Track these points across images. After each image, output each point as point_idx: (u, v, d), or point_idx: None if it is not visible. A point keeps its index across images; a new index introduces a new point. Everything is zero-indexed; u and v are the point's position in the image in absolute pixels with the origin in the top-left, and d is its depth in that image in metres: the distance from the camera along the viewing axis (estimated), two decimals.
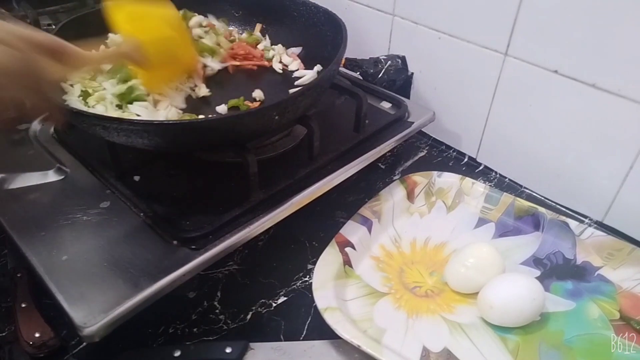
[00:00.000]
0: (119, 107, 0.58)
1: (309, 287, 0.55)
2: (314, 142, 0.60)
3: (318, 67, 0.68)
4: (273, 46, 0.75)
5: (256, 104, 0.63)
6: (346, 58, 0.81)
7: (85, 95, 0.59)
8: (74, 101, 0.59)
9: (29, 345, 0.48)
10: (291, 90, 0.64)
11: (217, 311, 0.54)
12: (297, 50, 0.74)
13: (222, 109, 0.62)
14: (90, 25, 0.69)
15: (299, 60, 0.72)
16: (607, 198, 0.64)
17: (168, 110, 0.59)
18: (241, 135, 0.54)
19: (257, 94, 0.65)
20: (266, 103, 0.64)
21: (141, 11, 0.54)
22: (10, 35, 0.37)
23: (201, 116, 0.60)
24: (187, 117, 0.59)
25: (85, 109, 0.57)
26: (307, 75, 0.68)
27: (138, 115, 0.57)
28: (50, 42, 0.40)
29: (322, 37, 0.69)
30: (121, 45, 0.52)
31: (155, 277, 0.46)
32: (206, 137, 0.52)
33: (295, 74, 0.70)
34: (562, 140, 0.65)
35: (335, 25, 0.66)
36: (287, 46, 0.75)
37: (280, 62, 0.72)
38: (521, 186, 0.73)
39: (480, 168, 0.76)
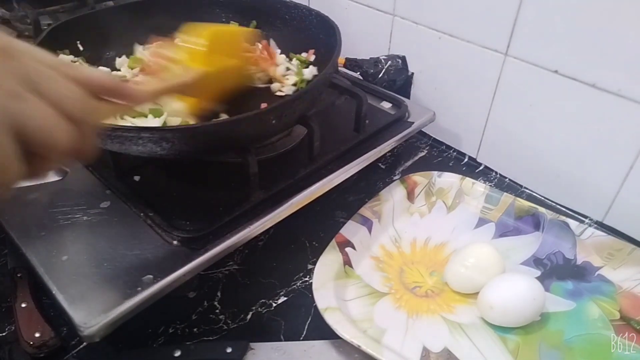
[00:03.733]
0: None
1: (309, 287, 0.55)
2: (314, 142, 0.60)
3: (312, 70, 0.68)
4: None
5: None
6: (346, 58, 0.81)
7: None
8: None
9: (29, 345, 0.48)
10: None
11: (217, 311, 0.54)
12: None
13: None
14: (82, 28, 0.69)
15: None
16: (607, 198, 0.64)
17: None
18: (237, 140, 0.53)
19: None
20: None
21: (223, 31, 0.56)
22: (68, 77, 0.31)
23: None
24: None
25: None
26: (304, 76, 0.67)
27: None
28: (107, 83, 0.34)
29: (315, 40, 0.68)
30: (181, 76, 0.50)
31: (155, 277, 0.46)
32: (196, 143, 0.50)
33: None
34: (562, 140, 0.65)
35: (328, 27, 0.65)
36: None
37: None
38: (521, 186, 0.73)
39: (481, 168, 0.76)
